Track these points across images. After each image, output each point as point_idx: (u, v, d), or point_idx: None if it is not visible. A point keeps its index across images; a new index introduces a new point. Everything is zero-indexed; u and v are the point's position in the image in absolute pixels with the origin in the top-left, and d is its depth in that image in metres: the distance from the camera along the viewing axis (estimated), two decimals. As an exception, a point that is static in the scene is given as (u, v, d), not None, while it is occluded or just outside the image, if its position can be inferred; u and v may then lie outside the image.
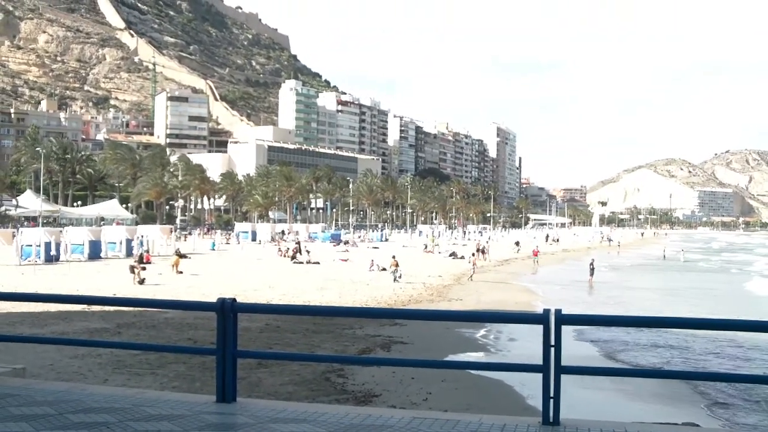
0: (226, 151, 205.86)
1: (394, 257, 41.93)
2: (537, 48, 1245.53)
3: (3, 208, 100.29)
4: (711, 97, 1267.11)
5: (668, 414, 15.30)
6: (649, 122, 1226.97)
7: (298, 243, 64.96)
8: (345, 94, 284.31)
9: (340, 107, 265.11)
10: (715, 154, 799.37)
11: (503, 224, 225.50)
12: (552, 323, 7.12)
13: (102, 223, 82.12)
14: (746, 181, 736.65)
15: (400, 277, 40.34)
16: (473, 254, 55.58)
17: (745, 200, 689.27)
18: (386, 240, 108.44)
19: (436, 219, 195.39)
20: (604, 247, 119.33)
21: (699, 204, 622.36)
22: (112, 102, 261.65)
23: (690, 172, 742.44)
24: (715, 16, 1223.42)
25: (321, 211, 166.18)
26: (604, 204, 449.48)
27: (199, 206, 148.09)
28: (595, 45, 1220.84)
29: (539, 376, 7.22)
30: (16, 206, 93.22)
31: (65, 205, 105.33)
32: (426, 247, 77.48)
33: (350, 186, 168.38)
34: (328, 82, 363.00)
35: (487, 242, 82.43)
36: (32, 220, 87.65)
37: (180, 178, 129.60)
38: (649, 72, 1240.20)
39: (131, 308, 25.33)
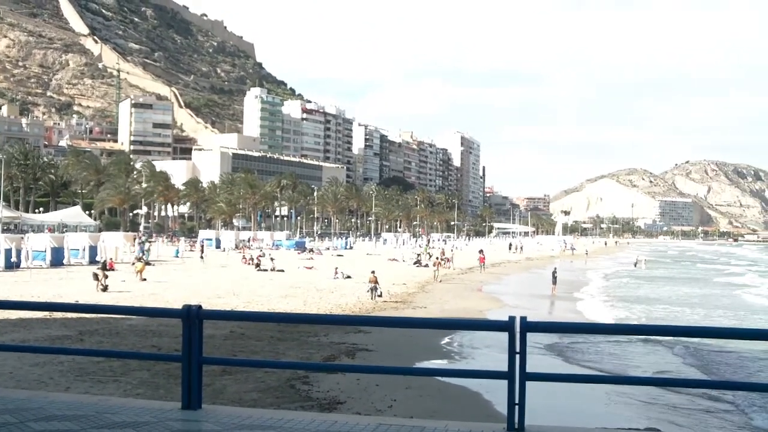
0: (190, 158, 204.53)
1: (373, 272, 38.84)
2: (501, 59, 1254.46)
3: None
4: (672, 108, 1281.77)
5: (630, 419, 15.46)
6: (612, 133, 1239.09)
7: (261, 255, 63.88)
8: (310, 102, 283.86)
9: (305, 115, 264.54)
10: (676, 165, 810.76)
11: (467, 233, 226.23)
12: (517, 330, 7.19)
13: (64, 230, 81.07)
14: (705, 191, 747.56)
15: (380, 295, 37.51)
16: (437, 258, 55.45)
17: (704, 210, 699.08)
18: (351, 248, 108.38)
19: (400, 227, 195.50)
20: (567, 255, 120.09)
21: (660, 213, 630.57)
22: (75, 108, 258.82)
23: (651, 182, 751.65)
24: (677, 29, 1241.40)
25: (286, 218, 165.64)
26: (567, 213, 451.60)
27: (163, 213, 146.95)
28: (558, 57, 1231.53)
29: (505, 382, 7.29)
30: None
31: (27, 211, 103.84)
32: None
33: (315, 194, 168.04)
34: (293, 90, 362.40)
35: (451, 251, 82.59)
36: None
37: (144, 185, 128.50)
38: (611, 83, 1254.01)
39: (94, 315, 25.05)
